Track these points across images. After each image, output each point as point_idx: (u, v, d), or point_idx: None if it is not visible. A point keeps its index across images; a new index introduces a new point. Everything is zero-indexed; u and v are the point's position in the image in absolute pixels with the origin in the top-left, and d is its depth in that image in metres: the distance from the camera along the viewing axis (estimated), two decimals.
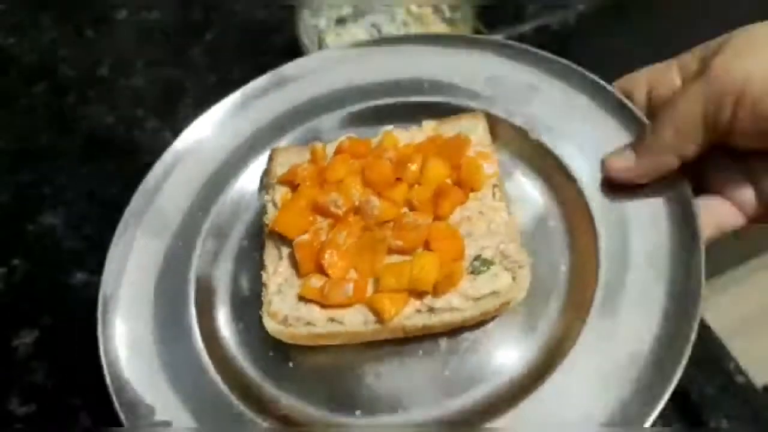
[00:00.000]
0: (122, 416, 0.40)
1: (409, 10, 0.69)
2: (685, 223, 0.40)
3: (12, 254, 0.59)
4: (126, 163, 0.64)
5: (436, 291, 0.40)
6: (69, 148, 0.66)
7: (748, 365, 0.53)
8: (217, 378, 0.41)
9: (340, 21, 0.69)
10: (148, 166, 0.63)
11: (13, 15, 0.76)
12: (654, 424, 0.47)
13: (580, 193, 0.43)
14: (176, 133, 0.66)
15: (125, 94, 0.69)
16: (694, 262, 0.39)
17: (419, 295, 0.40)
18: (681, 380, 0.51)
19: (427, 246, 0.41)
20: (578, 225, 0.43)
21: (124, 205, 0.61)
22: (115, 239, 0.46)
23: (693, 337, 0.37)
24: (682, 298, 0.38)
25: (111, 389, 0.41)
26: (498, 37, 0.54)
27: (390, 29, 0.70)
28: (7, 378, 0.52)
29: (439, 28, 0.68)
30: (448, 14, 0.68)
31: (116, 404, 0.40)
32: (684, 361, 0.36)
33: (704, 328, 0.54)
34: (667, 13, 0.85)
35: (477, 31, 0.72)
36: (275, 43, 0.73)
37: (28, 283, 0.57)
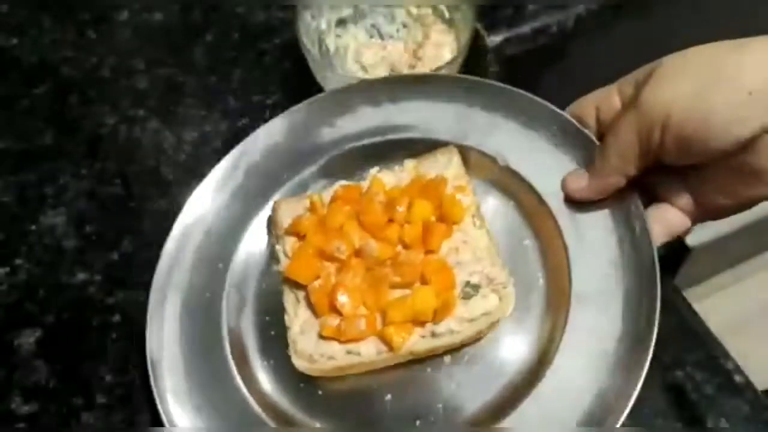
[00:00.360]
0: None
1: (409, 11, 0.70)
2: (639, 232, 0.46)
3: (14, 254, 0.59)
4: (127, 163, 0.65)
5: (436, 318, 0.46)
6: (71, 149, 0.66)
7: (747, 365, 0.53)
8: (261, 413, 0.47)
9: (341, 22, 0.69)
10: (148, 167, 0.64)
11: (14, 16, 0.77)
12: (652, 424, 0.48)
13: (548, 212, 0.49)
14: (177, 133, 0.66)
15: (126, 95, 0.70)
16: (651, 265, 0.45)
17: (422, 323, 0.46)
18: (679, 379, 0.51)
19: (423, 279, 0.47)
20: (550, 241, 0.49)
21: (125, 205, 0.62)
22: (150, 310, 0.51)
23: (656, 324, 0.43)
24: (643, 296, 0.44)
25: None
26: (464, 75, 0.59)
27: (390, 30, 0.70)
28: (9, 377, 0.53)
29: (439, 28, 0.68)
30: (447, 15, 0.68)
31: None
32: (651, 349, 0.43)
33: (703, 327, 0.54)
34: (667, 14, 0.85)
35: (476, 32, 0.72)
36: (276, 44, 0.73)
37: (31, 282, 0.58)
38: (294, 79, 0.70)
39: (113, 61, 0.72)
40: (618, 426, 0.44)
